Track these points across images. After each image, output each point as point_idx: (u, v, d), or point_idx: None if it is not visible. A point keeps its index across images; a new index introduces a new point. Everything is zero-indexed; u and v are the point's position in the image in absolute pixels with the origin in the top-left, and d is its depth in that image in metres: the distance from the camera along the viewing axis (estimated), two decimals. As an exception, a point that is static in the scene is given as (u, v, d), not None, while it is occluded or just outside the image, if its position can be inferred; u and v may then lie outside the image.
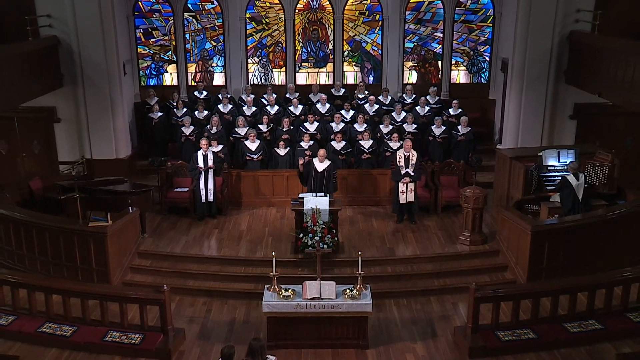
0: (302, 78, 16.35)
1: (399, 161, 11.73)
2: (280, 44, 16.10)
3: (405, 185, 11.69)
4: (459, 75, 16.27)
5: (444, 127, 13.71)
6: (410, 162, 11.66)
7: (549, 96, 13.70)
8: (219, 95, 15.12)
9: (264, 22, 15.97)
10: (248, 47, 16.05)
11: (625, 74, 11.23)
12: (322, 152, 11.61)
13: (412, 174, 11.64)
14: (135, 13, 15.52)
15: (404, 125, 13.91)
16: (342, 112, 14.15)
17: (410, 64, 16.14)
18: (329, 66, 16.31)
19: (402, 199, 11.79)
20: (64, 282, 9.71)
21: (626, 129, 14.06)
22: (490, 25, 15.74)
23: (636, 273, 9.32)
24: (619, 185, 11.43)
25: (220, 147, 12.84)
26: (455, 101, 14.67)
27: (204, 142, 12.17)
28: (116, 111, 13.92)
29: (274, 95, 14.92)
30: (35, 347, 8.65)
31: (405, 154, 11.71)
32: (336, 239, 10.53)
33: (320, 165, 11.46)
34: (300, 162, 11.60)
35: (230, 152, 13.46)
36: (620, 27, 13.21)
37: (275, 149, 13.07)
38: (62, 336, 8.73)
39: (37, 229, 10.39)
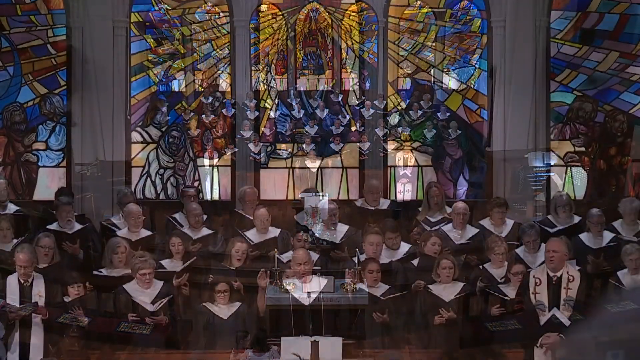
0: (302, 84, 16.38)
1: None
2: (282, 52, 16.13)
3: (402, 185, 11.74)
4: (450, 81, 16.28)
5: (434, 131, 13.75)
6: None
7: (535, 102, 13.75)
8: (223, 100, 15.17)
9: (267, 31, 15.99)
10: (252, 55, 16.09)
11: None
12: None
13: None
14: (146, 24, 15.55)
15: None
16: (339, 117, 14.14)
17: (403, 71, 16.18)
18: (328, 73, 16.34)
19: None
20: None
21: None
22: (479, 35, 15.77)
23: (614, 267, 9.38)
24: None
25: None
26: (443, 106, 14.66)
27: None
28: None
29: (277, 101, 14.95)
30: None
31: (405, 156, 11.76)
32: (335, 236, 10.55)
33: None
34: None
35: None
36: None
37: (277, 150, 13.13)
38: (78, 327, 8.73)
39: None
